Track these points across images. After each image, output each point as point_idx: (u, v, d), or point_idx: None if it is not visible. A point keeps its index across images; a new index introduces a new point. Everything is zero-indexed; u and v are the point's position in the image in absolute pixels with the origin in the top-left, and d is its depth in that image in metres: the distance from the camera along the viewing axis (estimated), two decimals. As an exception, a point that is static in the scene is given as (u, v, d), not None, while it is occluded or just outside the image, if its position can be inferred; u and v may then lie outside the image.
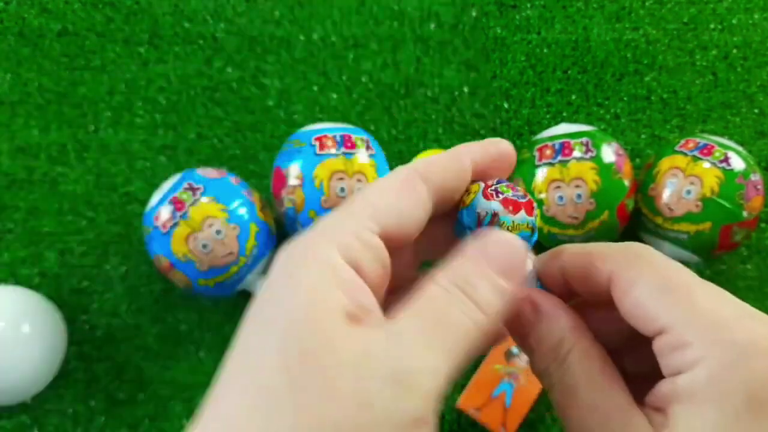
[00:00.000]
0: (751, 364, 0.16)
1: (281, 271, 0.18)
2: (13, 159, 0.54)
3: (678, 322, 0.18)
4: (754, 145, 0.56)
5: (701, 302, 0.18)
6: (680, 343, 0.17)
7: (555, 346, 0.20)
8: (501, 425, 0.45)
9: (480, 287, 0.18)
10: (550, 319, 0.20)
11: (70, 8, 0.59)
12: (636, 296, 0.19)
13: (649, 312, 0.18)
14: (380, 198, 0.19)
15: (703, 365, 0.17)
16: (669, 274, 0.19)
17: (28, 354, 0.45)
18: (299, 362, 0.16)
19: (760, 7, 0.60)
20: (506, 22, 0.60)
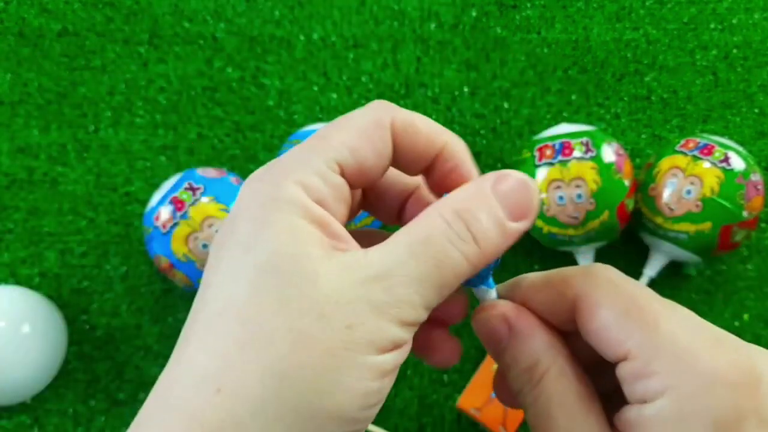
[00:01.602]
0: (715, 396, 0.16)
1: (251, 211, 0.18)
2: (13, 159, 0.54)
3: (642, 349, 0.17)
4: (755, 145, 0.56)
5: (667, 328, 0.18)
6: (645, 372, 0.17)
7: (530, 368, 0.19)
8: (501, 425, 0.45)
9: (483, 220, 0.18)
10: (525, 338, 0.20)
11: (70, 8, 0.59)
12: (601, 320, 0.18)
13: (614, 337, 0.18)
14: (344, 139, 0.19)
15: (667, 396, 0.17)
16: (635, 297, 0.18)
17: (28, 354, 0.45)
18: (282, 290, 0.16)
19: (761, 7, 0.60)
20: (506, 22, 0.60)
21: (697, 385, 0.16)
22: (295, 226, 0.17)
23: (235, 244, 0.18)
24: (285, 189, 0.18)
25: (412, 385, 0.49)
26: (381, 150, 0.19)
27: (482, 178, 0.19)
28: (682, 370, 0.17)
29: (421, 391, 0.49)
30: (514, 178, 0.19)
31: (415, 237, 0.18)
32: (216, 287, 0.17)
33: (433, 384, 0.49)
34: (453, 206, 0.18)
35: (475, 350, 0.50)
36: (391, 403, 0.48)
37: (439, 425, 0.48)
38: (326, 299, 0.16)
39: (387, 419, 0.48)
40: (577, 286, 0.19)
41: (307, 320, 0.16)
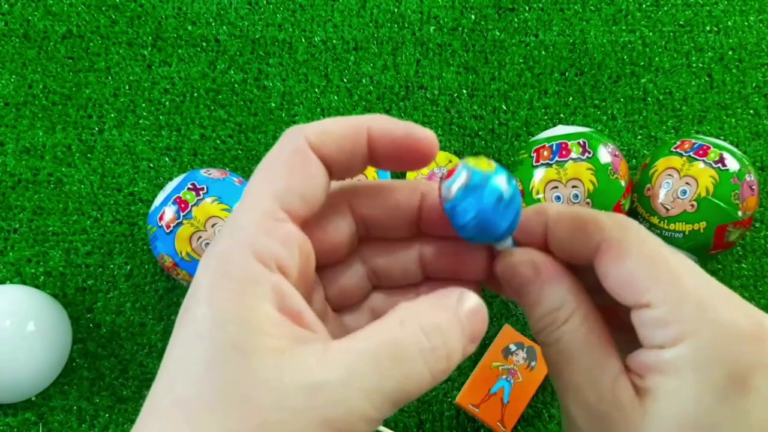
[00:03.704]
0: (734, 346, 0.17)
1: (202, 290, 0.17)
2: (18, 160, 0.55)
3: (666, 299, 0.18)
4: (749, 146, 0.57)
5: (689, 282, 0.18)
6: (666, 320, 0.18)
7: (555, 310, 0.20)
8: (499, 421, 0.45)
9: (454, 340, 0.18)
10: (552, 283, 0.20)
11: (75, 11, 0.60)
12: (627, 267, 0.19)
13: (638, 284, 0.18)
14: (276, 182, 0.18)
15: (687, 343, 0.17)
16: (660, 250, 0.19)
17: (33, 352, 0.46)
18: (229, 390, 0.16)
19: (756, 9, 0.61)
20: (504, 25, 0.60)
21: (716, 336, 0.17)
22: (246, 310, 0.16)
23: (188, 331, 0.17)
24: (235, 262, 0.17)
25: (412, 382, 0.49)
26: (313, 173, 0.19)
27: (446, 295, 0.18)
28: (703, 320, 0.17)
29: (421, 388, 0.49)
30: (475, 301, 0.18)
31: (382, 347, 0.16)
32: (168, 379, 0.17)
33: (432, 381, 0.49)
34: (430, 321, 0.17)
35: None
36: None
37: (438, 421, 0.49)
38: (269, 405, 0.15)
39: (387, 416, 0.48)
40: (607, 229, 0.19)
41: (252, 425, 0.15)
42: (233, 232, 0.18)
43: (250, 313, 0.16)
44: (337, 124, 0.19)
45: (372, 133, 0.19)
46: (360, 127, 0.19)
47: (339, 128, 0.19)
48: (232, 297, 0.16)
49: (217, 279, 0.17)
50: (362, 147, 0.19)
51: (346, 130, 0.19)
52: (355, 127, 0.19)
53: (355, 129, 0.19)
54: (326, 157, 0.19)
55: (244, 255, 0.17)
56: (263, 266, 0.17)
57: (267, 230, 0.17)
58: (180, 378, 0.16)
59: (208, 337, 0.16)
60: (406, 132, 0.19)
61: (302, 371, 0.16)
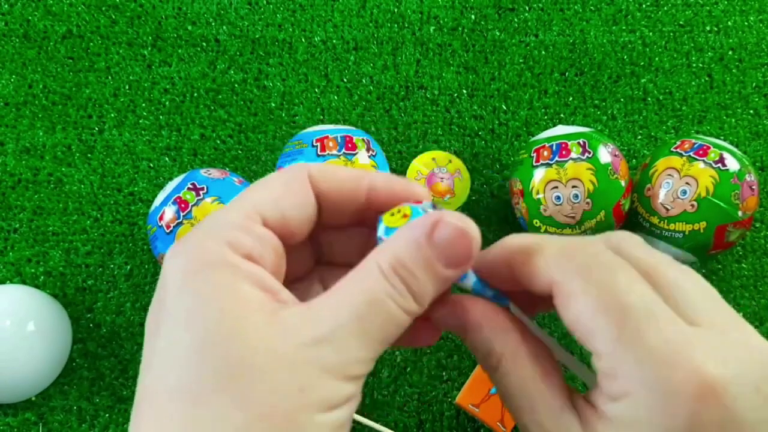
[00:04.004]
0: (672, 406, 0.16)
1: (182, 281, 0.17)
2: (18, 159, 0.55)
3: (609, 350, 0.17)
4: (749, 146, 0.57)
5: (637, 328, 0.17)
6: (609, 373, 0.17)
7: (486, 355, 0.20)
8: (499, 421, 0.45)
9: (420, 276, 0.18)
10: (475, 331, 0.20)
11: (75, 11, 0.60)
12: (574, 313, 0.18)
13: (585, 332, 0.18)
14: (262, 194, 0.19)
15: (628, 402, 0.17)
16: (611, 288, 0.18)
17: (33, 352, 0.46)
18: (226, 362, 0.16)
19: (756, 9, 0.61)
20: (504, 25, 0.60)
21: (655, 395, 0.16)
22: (228, 289, 0.17)
23: (172, 321, 0.17)
24: (210, 251, 0.18)
25: (412, 382, 0.49)
26: (302, 199, 0.20)
27: (420, 223, 0.18)
28: (642, 380, 0.17)
29: (421, 387, 0.49)
30: (451, 227, 0.18)
31: (359, 297, 0.18)
32: (159, 371, 0.17)
33: (432, 380, 0.49)
34: (391, 262, 0.18)
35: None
36: (390, 400, 0.49)
37: (438, 421, 0.49)
38: (273, 365, 0.16)
39: (386, 415, 0.48)
40: (556, 268, 0.19)
41: (257, 391, 0.16)
42: (209, 228, 0.18)
43: (233, 294, 0.17)
44: (342, 170, 0.21)
45: (374, 184, 0.21)
46: (362, 179, 0.20)
47: (342, 173, 0.20)
48: (212, 281, 0.17)
49: (193, 266, 0.17)
50: (360, 196, 0.21)
51: (349, 176, 0.20)
52: (357, 176, 0.21)
53: (357, 178, 0.20)
54: (323, 193, 0.20)
55: (219, 245, 0.18)
56: (238, 255, 0.18)
57: (242, 227, 0.18)
58: (172, 366, 0.17)
59: (194, 322, 0.17)
60: (404, 188, 0.21)
61: (295, 330, 0.17)
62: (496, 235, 0.54)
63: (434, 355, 0.50)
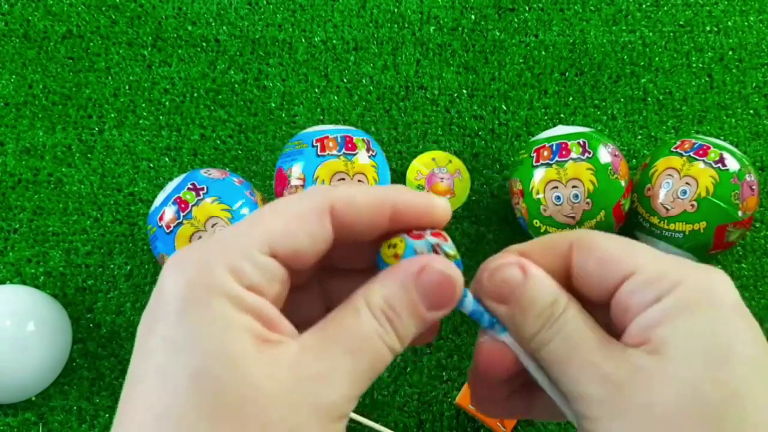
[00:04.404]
0: (722, 284, 0.19)
1: (180, 301, 0.17)
2: (18, 160, 0.55)
3: (650, 260, 0.19)
4: (749, 146, 0.57)
5: (660, 251, 0.20)
6: (656, 276, 0.19)
7: (550, 304, 0.20)
8: (499, 422, 0.45)
9: (405, 317, 0.19)
10: (542, 279, 0.20)
11: (75, 11, 0.60)
12: (603, 249, 0.20)
13: (618, 259, 0.20)
14: (277, 224, 0.19)
15: (685, 284, 0.18)
16: (624, 238, 0.20)
17: (33, 352, 0.46)
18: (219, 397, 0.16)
19: (756, 9, 0.61)
20: (504, 25, 0.60)
21: (704, 276, 0.19)
22: (227, 321, 0.17)
23: (166, 341, 0.17)
24: (214, 276, 0.17)
25: (412, 382, 0.49)
26: (318, 234, 0.19)
27: (407, 266, 0.19)
28: (688, 268, 0.19)
29: (421, 387, 0.49)
30: (437, 272, 0.19)
31: (351, 336, 0.18)
32: (148, 391, 0.17)
33: (432, 381, 0.50)
34: (380, 303, 0.19)
35: (473, 348, 0.50)
36: (390, 400, 0.49)
37: (438, 421, 0.49)
38: (267, 404, 0.16)
39: (386, 416, 0.49)
40: (571, 236, 0.21)
41: (251, 427, 0.16)
42: (216, 249, 0.18)
43: (231, 326, 0.17)
44: (364, 195, 0.20)
45: (397, 207, 0.20)
46: (384, 202, 0.20)
47: (365, 200, 0.20)
48: (211, 310, 0.17)
49: (194, 291, 0.17)
50: (383, 222, 0.20)
51: (372, 202, 0.20)
52: (380, 201, 0.20)
53: (380, 203, 0.20)
54: (344, 224, 0.20)
55: (223, 272, 0.17)
56: (241, 285, 0.18)
57: (249, 257, 0.18)
58: (165, 390, 0.16)
59: (191, 350, 0.16)
60: (426, 204, 0.21)
61: (289, 368, 0.17)
62: (496, 235, 0.54)
63: (434, 355, 0.50)
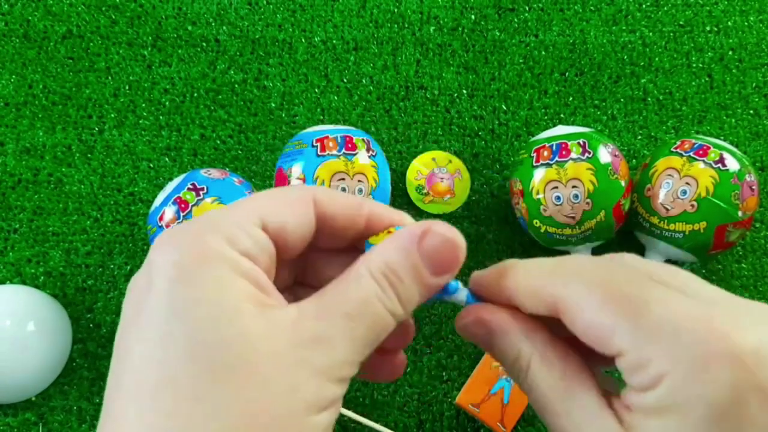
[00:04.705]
0: (709, 377, 0.16)
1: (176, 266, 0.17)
2: (18, 160, 0.55)
3: (632, 341, 0.17)
4: (749, 146, 0.57)
5: (652, 311, 0.17)
6: (640, 363, 0.17)
7: (515, 360, 0.20)
8: (499, 422, 0.45)
9: (407, 282, 0.19)
10: (502, 335, 0.20)
11: (75, 11, 0.60)
12: (584, 321, 0.18)
13: (601, 335, 0.18)
14: (266, 201, 0.19)
15: (666, 382, 0.16)
16: (613, 286, 0.18)
17: (33, 352, 0.46)
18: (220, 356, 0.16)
19: (756, 9, 0.61)
20: (504, 25, 0.60)
21: (691, 368, 0.16)
22: (224, 281, 0.17)
23: (162, 305, 0.17)
24: (209, 242, 0.17)
25: (412, 382, 0.49)
26: (303, 216, 0.20)
27: (409, 231, 0.19)
28: (676, 354, 0.16)
29: (421, 387, 0.49)
30: (439, 236, 0.19)
31: (350, 300, 0.18)
32: (144, 355, 0.16)
33: (432, 381, 0.49)
34: (381, 267, 0.19)
35: (473, 348, 0.50)
36: (390, 400, 0.49)
37: (438, 421, 0.49)
38: (267, 363, 0.16)
39: (386, 416, 0.48)
40: (554, 286, 0.19)
41: (250, 388, 0.16)
42: (207, 223, 0.18)
43: (230, 289, 0.17)
44: (345, 195, 0.21)
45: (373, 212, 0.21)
46: (363, 206, 0.21)
47: (345, 199, 0.21)
48: (209, 275, 0.17)
49: (189, 259, 0.17)
50: (360, 222, 0.21)
51: (351, 202, 0.21)
52: (359, 203, 0.21)
53: (359, 205, 0.21)
54: (326, 216, 0.20)
55: (217, 240, 0.18)
56: (236, 251, 0.18)
57: (242, 226, 0.18)
58: (162, 359, 0.16)
59: (188, 315, 0.16)
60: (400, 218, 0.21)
61: (288, 331, 0.17)
62: (496, 235, 0.54)
63: (434, 356, 0.50)
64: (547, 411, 0.19)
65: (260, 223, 0.19)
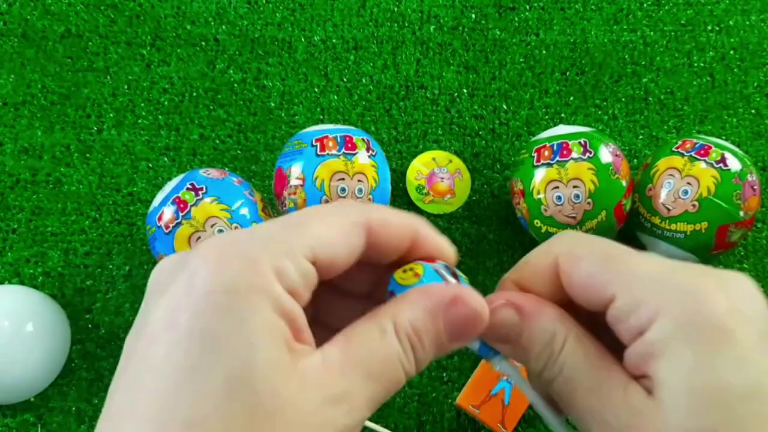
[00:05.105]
0: (706, 302, 0.17)
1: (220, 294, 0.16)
2: (17, 160, 0.55)
3: (627, 286, 0.19)
4: (751, 146, 0.57)
5: (641, 265, 0.19)
6: (635, 303, 0.18)
7: (548, 342, 0.20)
8: (500, 422, 0.45)
9: (427, 345, 0.19)
10: (537, 316, 0.20)
11: (73, 10, 0.60)
12: (583, 269, 0.20)
13: (598, 281, 0.19)
14: (322, 230, 0.19)
15: (664, 316, 0.18)
16: (606, 248, 0.20)
17: (31, 353, 0.45)
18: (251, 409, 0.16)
19: (757, 8, 0.61)
20: (505, 25, 0.60)
21: (687, 298, 0.17)
22: (266, 323, 0.16)
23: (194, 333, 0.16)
24: (259, 272, 0.17)
25: (412, 383, 0.49)
26: (354, 247, 0.19)
27: (440, 294, 0.19)
28: (668, 290, 0.18)
29: (421, 389, 0.49)
30: (469, 308, 0.19)
31: (373, 357, 0.18)
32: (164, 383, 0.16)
33: (432, 382, 0.49)
34: (406, 328, 0.18)
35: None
36: (390, 401, 0.49)
37: (438, 423, 0.48)
38: (295, 420, 0.16)
39: (387, 417, 0.48)
40: (555, 250, 0.21)
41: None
42: (263, 243, 0.18)
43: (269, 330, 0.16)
44: (396, 218, 0.21)
45: (419, 234, 0.21)
46: (411, 228, 0.21)
47: (397, 222, 0.20)
48: (252, 308, 0.16)
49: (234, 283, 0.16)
50: (406, 244, 0.21)
51: (402, 225, 0.21)
52: (409, 226, 0.21)
53: (408, 228, 0.21)
54: (375, 243, 0.20)
55: (268, 269, 0.17)
56: (282, 285, 0.17)
57: (295, 258, 0.18)
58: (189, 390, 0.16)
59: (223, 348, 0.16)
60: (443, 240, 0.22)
61: (314, 386, 0.17)
62: (496, 235, 0.54)
63: (434, 356, 0.50)
64: (578, 388, 0.19)
65: (311, 254, 0.18)
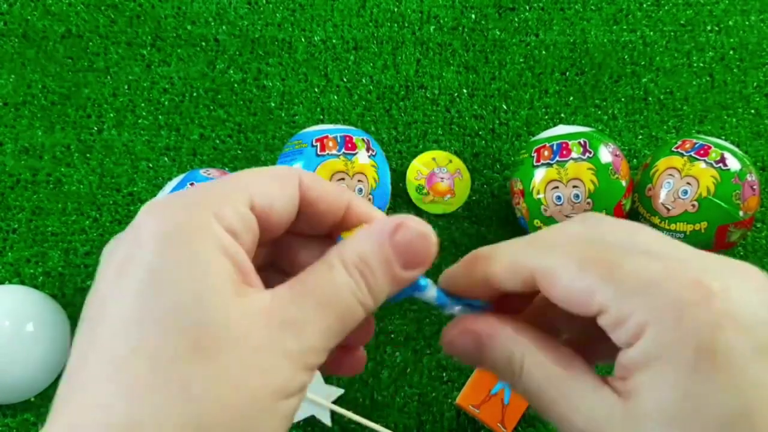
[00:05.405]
0: (691, 317, 0.17)
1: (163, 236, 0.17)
2: (17, 160, 0.55)
3: (610, 298, 0.18)
4: (751, 146, 0.57)
5: (627, 270, 0.18)
6: (620, 318, 0.18)
7: (508, 363, 0.20)
8: (499, 422, 0.45)
9: (378, 274, 0.19)
10: (493, 341, 0.20)
11: (74, 10, 0.60)
12: (562, 287, 0.19)
13: (580, 298, 0.18)
14: (255, 179, 0.20)
15: (648, 332, 0.17)
16: (585, 251, 0.19)
17: (32, 352, 0.45)
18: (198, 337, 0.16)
19: (757, 9, 0.61)
20: (505, 25, 0.60)
21: (670, 315, 0.17)
22: (207, 258, 0.17)
23: (146, 274, 0.17)
24: (198, 215, 0.18)
25: (412, 383, 0.49)
26: (288, 197, 0.20)
27: (382, 224, 0.19)
28: (653, 304, 0.17)
29: (421, 388, 0.49)
30: (412, 230, 0.19)
31: (323, 289, 0.18)
32: (123, 318, 0.16)
33: (432, 381, 0.49)
34: (354, 258, 0.19)
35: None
36: (390, 401, 0.49)
37: (438, 422, 0.48)
38: (243, 345, 0.17)
39: (387, 417, 0.48)
40: (529, 264, 0.20)
41: (226, 367, 0.16)
42: (197, 195, 0.19)
43: (212, 266, 0.17)
44: (328, 183, 0.21)
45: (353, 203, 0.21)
46: (344, 194, 0.21)
47: (329, 186, 0.21)
48: (194, 248, 0.17)
49: (176, 228, 0.17)
50: (340, 210, 0.21)
51: (334, 189, 0.21)
52: (341, 191, 0.21)
53: (341, 193, 0.21)
54: (309, 200, 0.21)
55: (206, 213, 0.18)
56: (221, 226, 0.18)
57: (230, 202, 0.18)
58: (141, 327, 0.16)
59: (170, 287, 0.16)
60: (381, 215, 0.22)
61: (262, 313, 0.17)
62: (496, 235, 0.54)
63: (434, 356, 0.50)
64: (545, 402, 0.19)
65: (248, 200, 0.19)
